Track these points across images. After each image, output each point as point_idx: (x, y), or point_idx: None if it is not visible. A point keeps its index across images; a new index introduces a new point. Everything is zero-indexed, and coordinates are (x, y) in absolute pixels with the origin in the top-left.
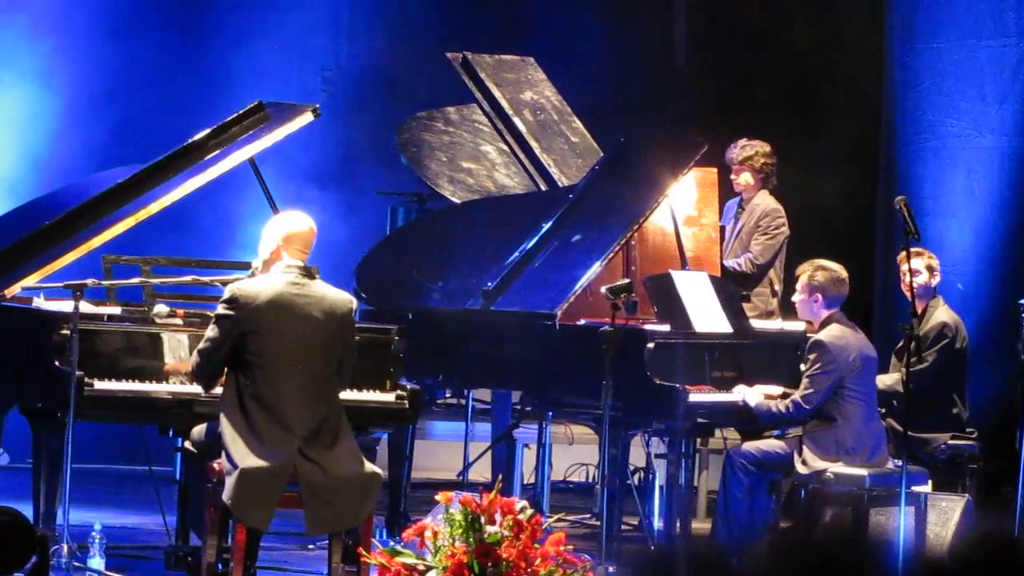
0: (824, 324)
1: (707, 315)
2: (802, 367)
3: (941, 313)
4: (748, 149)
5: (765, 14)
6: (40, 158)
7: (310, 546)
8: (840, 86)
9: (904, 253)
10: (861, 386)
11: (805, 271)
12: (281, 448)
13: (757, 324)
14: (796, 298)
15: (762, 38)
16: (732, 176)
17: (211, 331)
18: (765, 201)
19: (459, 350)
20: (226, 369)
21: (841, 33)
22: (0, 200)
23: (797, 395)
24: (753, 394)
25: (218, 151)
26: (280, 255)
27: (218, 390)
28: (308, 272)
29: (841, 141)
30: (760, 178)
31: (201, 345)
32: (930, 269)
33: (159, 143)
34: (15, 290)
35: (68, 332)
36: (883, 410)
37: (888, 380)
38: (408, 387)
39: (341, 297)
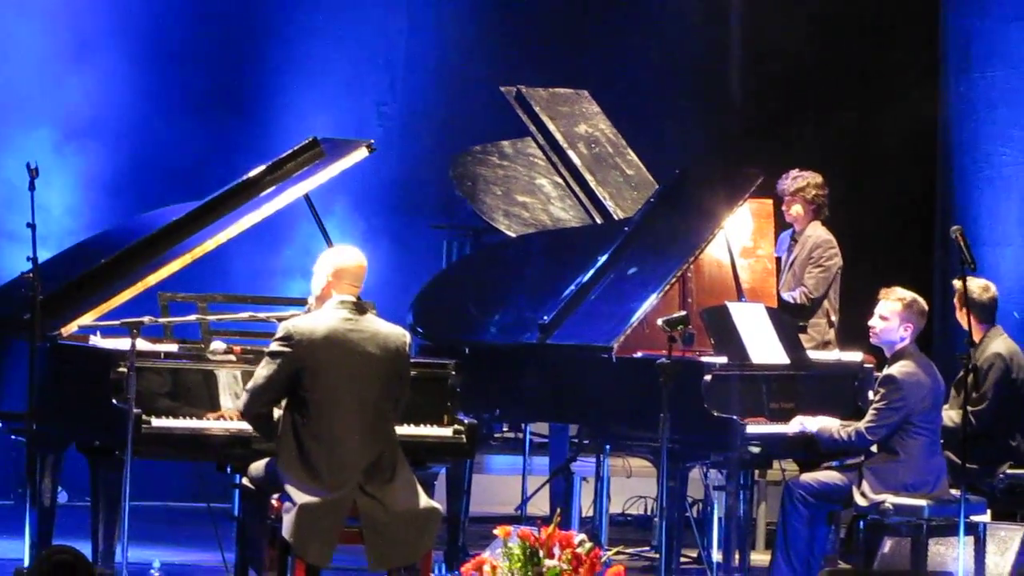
0: (898, 356)
1: (764, 346)
2: (871, 396)
3: (998, 344)
4: (800, 180)
5: (819, 40)
6: (98, 195)
7: None
8: (896, 117)
9: (960, 282)
10: (927, 422)
11: (902, 300)
12: (340, 484)
13: (814, 355)
14: (879, 324)
15: (817, 65)
16: (784, 207)
17: (264, 368)
18: (817, 232)
19: (516, 384)
20: (283, 406)
21: (897, 62)
22: (60, 237)
23: (862, 425)
24: (814, 421)
25: (273, 187)
26: (332, 291)
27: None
28: (361, 307)
29: (897, 171)
30: (812, 209)
31: (252, 384)
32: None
33: (214, 180)
34: (72, 328)
35: (125, 370)
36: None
37: (953, 417)
38: (465, 421)
39: (395, 332)
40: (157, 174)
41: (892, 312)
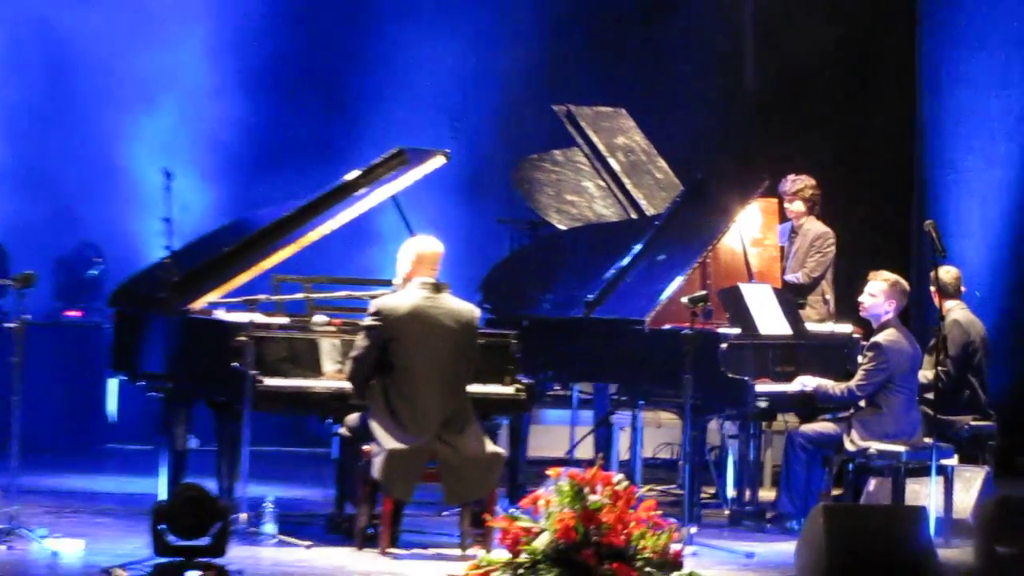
0: (883, 327)
1: (770, 320)
2: (860, 360)
3: (956, 313)
4: (799, 183)
5: (819, 57)
6: (223, 193)
7: (444, 513)
8: (880, 129)
9: (933, 272)
10: (906, 382)
11: (887, 280)
12: (420, 433)
13: (812, 327)
14: (867, 300)
15: (818, 79)
16: (786, 205)
17: (361, 340)
18: (815, 226)
19: (566, 351)
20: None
21: (880, 84)
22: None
23: (852, 384)
24: (812, 380)
25: (366, 189)
26: (414, 273)
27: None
28: (438, 287)
29: (880, 174)
30: (809, 206)
31: (353, 352)
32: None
33: (315, 184)
34: (201, 304)
35: (244, 339)
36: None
37: (925, 375)
38: (524, 381)
39: (466, 307)
40: (271, 178)
41: (879, 291)
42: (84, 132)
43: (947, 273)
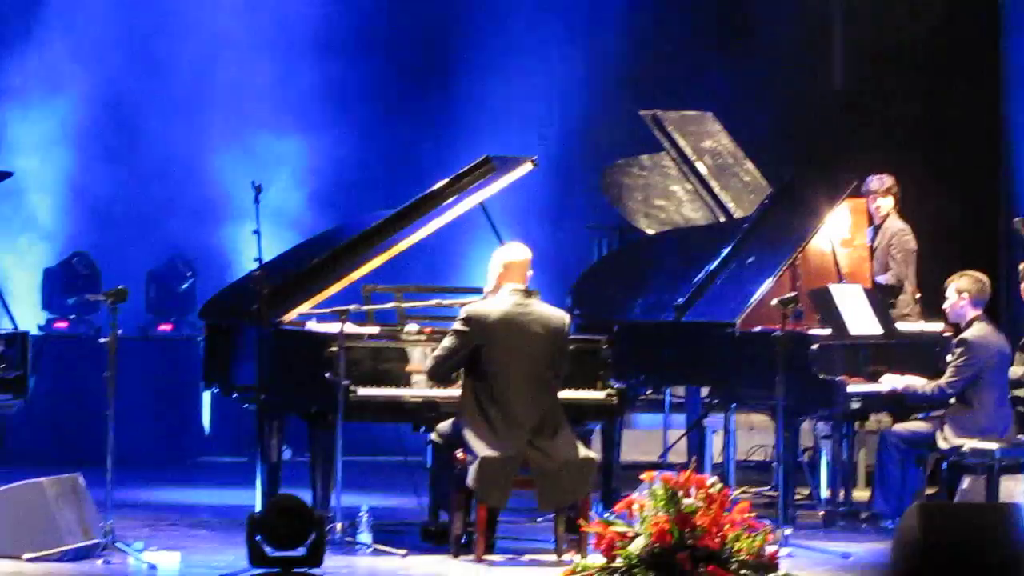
0: (969, 324)
1: (860, 320)
2: (948, 358)
3: None
4: (887, 181)
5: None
6: (312, 204)
7: (538, 519)
8: (963, 126)
9: (1022, 265)
10: (997, 378)
11: (953, 280)
12: (513, 439)
13: (901, 326)
14: (949, 301)
15: (898, 73)
16: (875, 203)
17: (447, 341)
18: (895, 223)
19: (657, 355)
20: (463, 376)
21: (965, 77)
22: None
23: (942, 381)
24: (901, 379)
25: (454, 197)
26: (504, 280)
27: (456, 392)
28: (528, 293)
29: (967, 171)
30: (893, 204)
31: (437, 351)
32: None
33: (404, 194)
34: (292, 316)
35: (336, 349)
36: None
37: (1016, 371)
38: (616, 386)
39: (556, 314)
40: (357, 182)
41: (949, 294)
42: (174, 146)
43: None
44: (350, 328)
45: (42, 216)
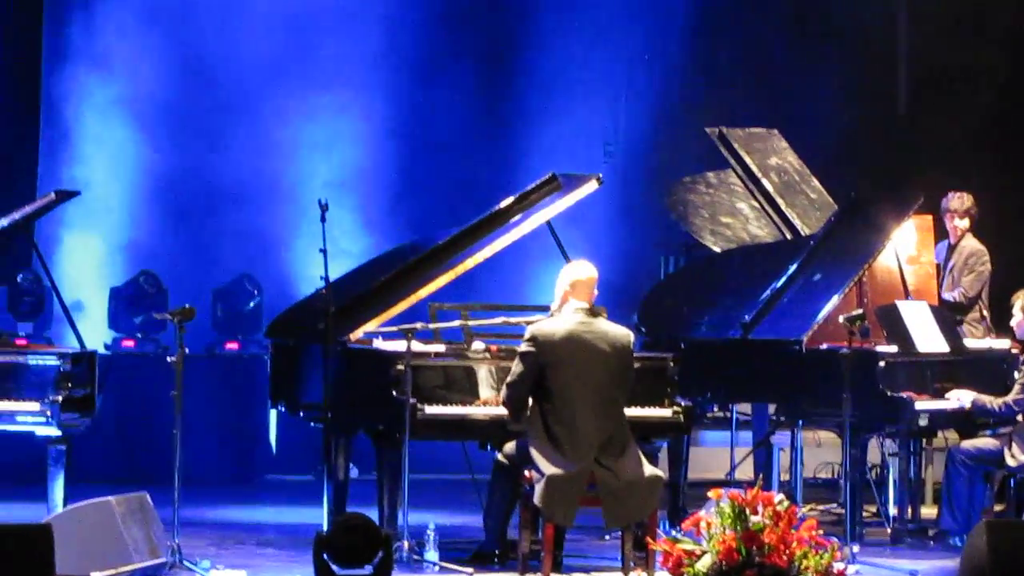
0: None
1: (928, 337)
2: (1016, 375)
3: None
4: (967, 200)
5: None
6: (379, 221)
7: (606, 537)
8: None
9: None
10: None
11: (1020, 297)
12: (579, 458)
13: (969, 343)
14: (1014, 321)
15: (964, 91)
16: (953, 222)
17: (516, 366)
18: (971, 243)
19: (723, 372)
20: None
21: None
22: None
23: (1009, 398)
24: (968, 395)
25: (520, 215)
26: (569, 298)
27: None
28: (594, 311)
29: None
30: (971, 224)
31: (509, 379)
32: None
33: (470, 211)
34: (358, 334)
35: (402, 367)
36: None
37: None
38: (682, 404)
39: (622, 332)
40: (434, 205)
41: (1017, 310)
42: (237, 164)
43: None
44: (416, 346)
45: (110, 234)
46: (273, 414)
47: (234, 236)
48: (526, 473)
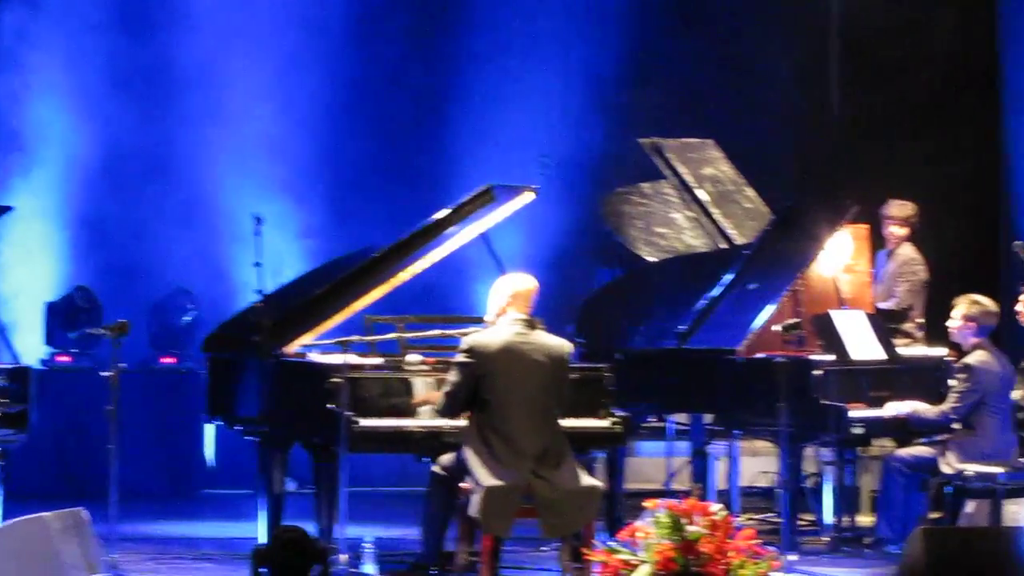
0: (972, 348)
1: (862, 345)
2: (951, 383)
3: None
4: (908, 209)
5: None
6: (314, 232)
7: (543, 548)
8: (963, 151)
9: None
10: (1000, 403)
11: (962, 303)
12: (516, 469)
13: (903, 351)
14: (952, 325)
15: (897, 98)
16: (892, 229)
17: (453, 375)
18: (907, 251)
19: (659, 382)
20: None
21: (964, 102)
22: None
23: (945, 406)
24: (905, 405)
25: (455, 226)
26: (507, 309)
27: (462, 422)
28: (531, 323)
29: (967, 196)
30: (911, 233)
31: (445, 388)
32: None
33: (405, 222)
34: (294, 347)
35: (339, 380)
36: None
37: (1015, 395)
38: (619, 414)
39: (559, 343)
40: (358, 211)
41: (956, 317)
42: (174, 179)
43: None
44: (352, 359)
45: (43, 250)
46: (209, 428)
47: (169, 250)
48: (463, 484)
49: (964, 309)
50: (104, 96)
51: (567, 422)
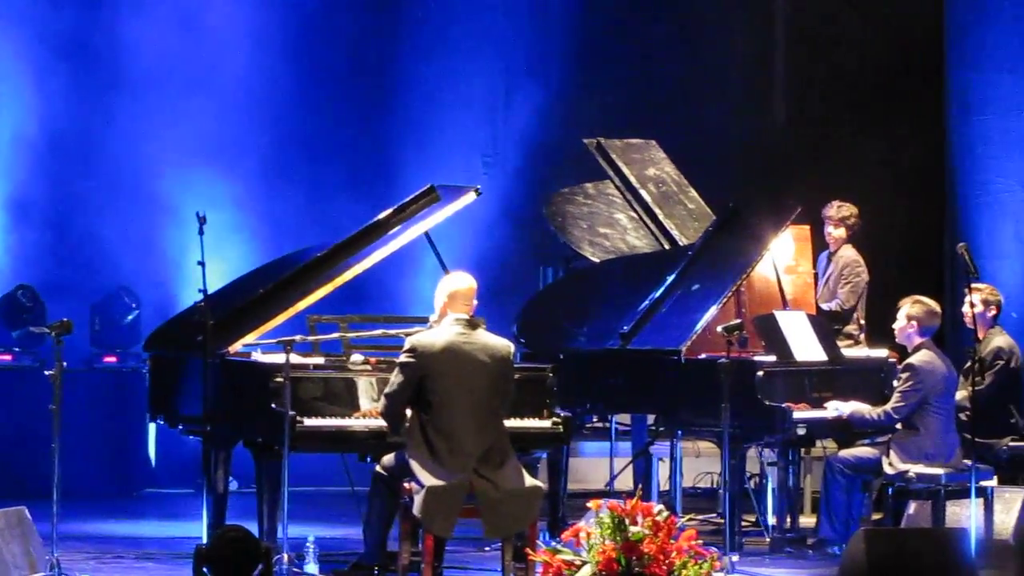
0: (916, 349)
1: (805, 346)
2: (895, 383)
3: (998, 339)
4: (844, 210)
5: (847, 85)
6: (256, 233)
7: (486, 548)
8: (910, 155)
9: (967, 289)
10: (942, 403)
11: (905, 304)
12: (459, 469)
13: (847, 352)
14: (899, 325)
15: (846, 107)
16: (829, 230)
17: (396, 376)
18: (848, 253)
19: (602, 383)
20: (409, 409)
21: (911, 107)
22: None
23: (888, 407)
24: (847, 406)
25: (399, 227)
26: (448, 310)
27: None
28: (473, 323)
29: (912, 198)
30: (850, 234)
31: (388, 389)
32: (985, 302)
33: (348, 223)
34: (237, 347)
35: (281, 380)
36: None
37: (958, 396)
38: (562, 415)
39: (501, 343)
40: (302, 211)
41: (899, 317)
42: (119, 178)
43: (981, 295)
44: (295, 359)
45: None
46: (152, 427)
47: (112, 249)
48: (405, 484)
49: (907, 309)
50: (47, 85)
51: (510, 422)
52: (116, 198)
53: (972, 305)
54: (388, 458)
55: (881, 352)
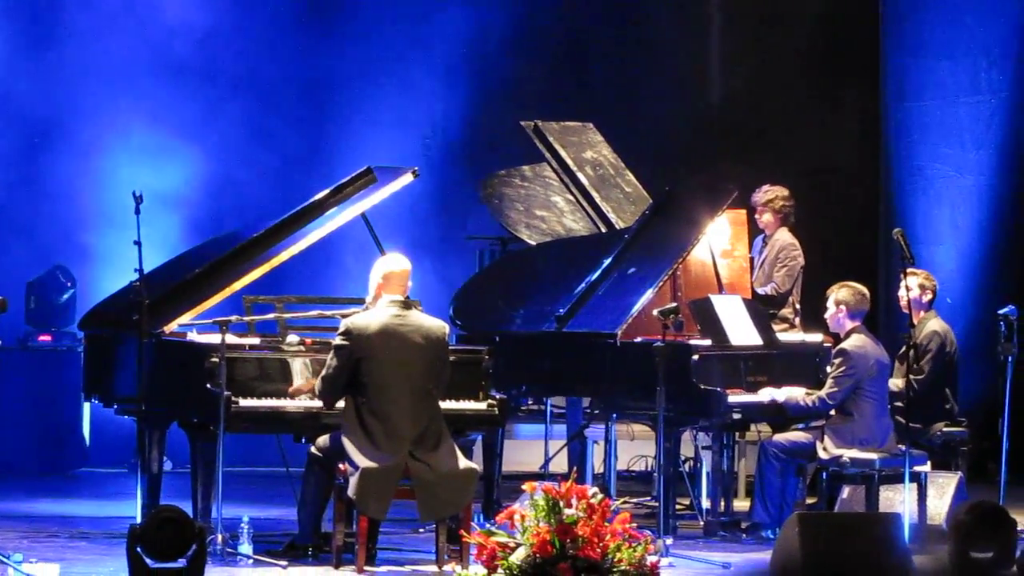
0: (848, 334)
1: (741, 331)
2: (828, 369)
3: (933, 324)
4: (769, 194)
5: (784, 70)
6: (191, 214)
7: (420, 530)
8: (846, 139)
9: (902, 274)
10: (875, 388)
11: (833, 291)
12: (394, 451)
13: (782, 337)
14: (830, 312)
15: (780, 91)
16: (756, 216)
17: (331, 359)
18: (783, 237)
19: (538, 365)
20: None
21: (845, 93)
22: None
23: (822, 392)
24: (782, 392)
25: (335, 208)
26: (383, 291)
27: (340, 404)
28: (408, 304)
29: (847, 183)
30: (779, 218)
31: (324, 372)
32: (921, 287)
33: (287, 201)
34: (173, 327)
35: (217, 360)
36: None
37: (896, 383)
38: (497, 397)
39: (436, 324)
40: (238, 200)
41: (829, 303)
42: (53, 155)
43: (916, 279)
44: (231, 339)
45: None
46: (87, 407)
47: (48, 227)
48: (340, 466)
49: (836, 295)
50: None
51: (445, 404)
52: (54, 175)
53: (908, 289)
54: (323, 439)
55: (816, 337)
